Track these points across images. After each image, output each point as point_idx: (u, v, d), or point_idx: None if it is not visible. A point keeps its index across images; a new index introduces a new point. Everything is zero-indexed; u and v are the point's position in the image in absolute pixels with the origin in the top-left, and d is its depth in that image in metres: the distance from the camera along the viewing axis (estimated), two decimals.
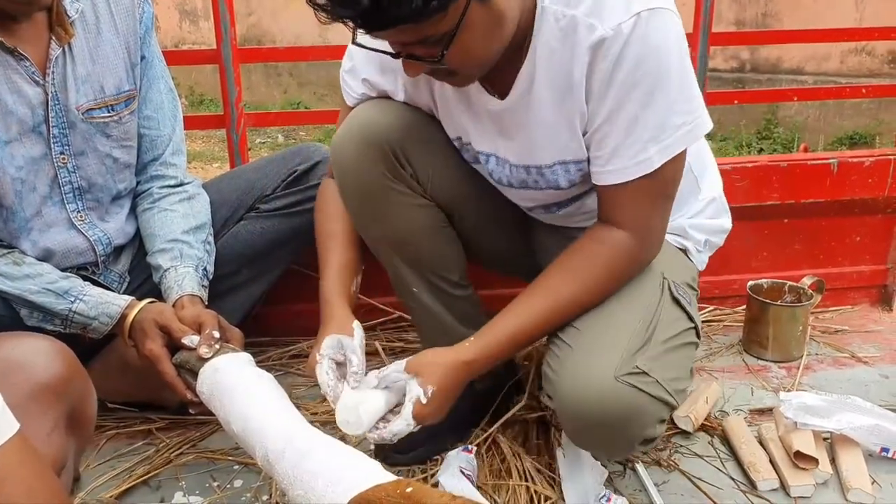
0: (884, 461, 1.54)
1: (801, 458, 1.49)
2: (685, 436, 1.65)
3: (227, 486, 1.53)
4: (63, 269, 1.55)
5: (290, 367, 1.96)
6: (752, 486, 1.49)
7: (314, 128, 5.99)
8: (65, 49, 1.49)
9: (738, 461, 1.56)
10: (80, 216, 1.59)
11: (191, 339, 1.41)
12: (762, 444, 1.59)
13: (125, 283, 1.69)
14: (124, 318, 1.48)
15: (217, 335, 1.40)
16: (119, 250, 1.68)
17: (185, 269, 1.57)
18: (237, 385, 1.30)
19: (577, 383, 1.24)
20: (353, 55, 1.43)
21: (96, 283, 1.59)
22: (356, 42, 1.17)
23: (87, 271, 1.62)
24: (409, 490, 0.99)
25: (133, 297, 1.52)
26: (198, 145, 5.86)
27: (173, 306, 1.51)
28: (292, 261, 1.84)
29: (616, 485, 1.49)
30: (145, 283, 1.69)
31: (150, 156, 1.69)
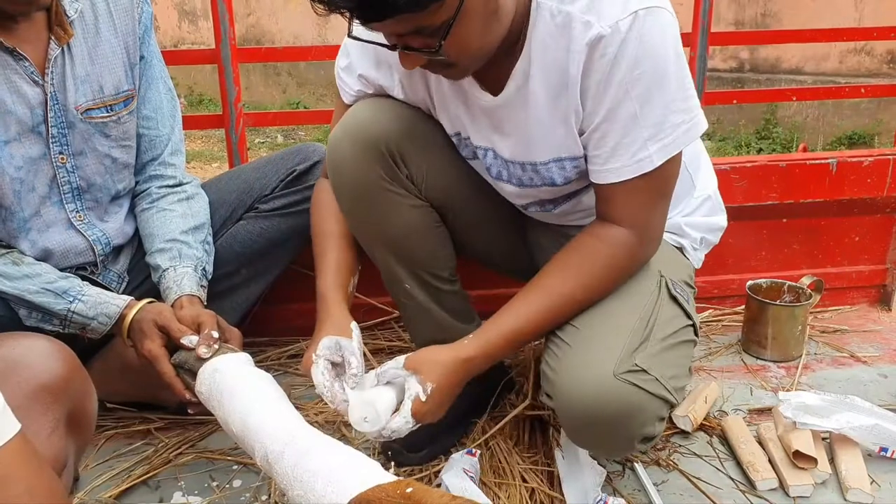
0: (883, 461, 1.54)
1: (800, 458, 1.49)
2: (684, 435, 1.65)
3: (227, 486, 1.53)
4: (62, 269, 1.55)
5: (289, 367, 1.96)
6: (751, 485, 1.49)
7: (313, 128, 5.99)
8: (64, 49, 1.49)
9: (737, 461, 1.56)
10: (79, 216, 1.59)
11: (189, 340, 1.41)
12: (761, 443, 1.59)
13: (124, 283, 1.69)
14: (123, 318, 1.48)
15: (216, 335, 1.40)
16: (118, 250, 1.68)
17: (184, 269, 1.57)
18: (236, 385, 1.30)
19: (575, 381, 1.24)
20: (349, 52, 1.43)
21: (95, 283, 1.58)
22: (352, 35, 1.17)
23: (85, 271, 1.62)
24: (409, 490, 0.99)
25: (132, 297, 1.52)
26: (197, 145, 5.86)
27: (172, 306, 1.51)
28: (291, 261, 1.84)
29: (615, 484, 1.49)
30: (144, 282, 1.69)
31: (149, 156, 1.69)
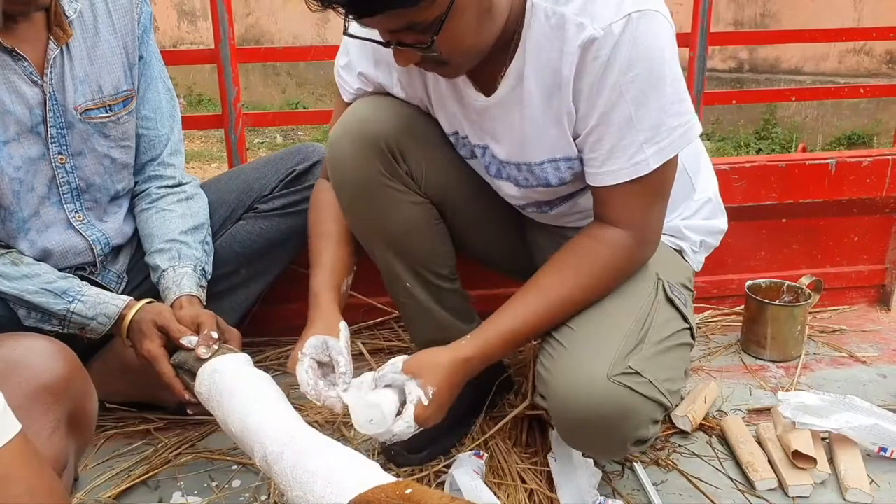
0: (882, 461, 1.54)
1: (799, 458, 1.49)
2: (683, 435, 1.65)
3: (226, 486, 1.53)
4: (61, 270, 1.54)
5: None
6: (750, 485, 1.49)
7: (313, 128, 5.99)
8: (63, 49, 1.49)
9: (736, 461, 1.56)
10: (79, 216, 1.59)
11: (189, 340, 1.41)
12: (760, 443, 1.59)
13: (123, 284, 1.69)
14: (122, 318, 1.48)
15: (215, 336, 1.40)
16: (117, 250, 1.68)
17: (184, 270, 1.57)
18: (235, 385, 1.30)
19: (569, 383, 1.24)
20: (348, 50, 1.43)
21: (95, 284, 1.58)
22: (347, 32, 1.17)
23: (85, 271, 1.62)
24: (408, 491, 0.99)
25: (131, 298, 1.52)
26: (196, 145, 5.86)
27: (171, 306, 1.51)
28: (290, 261, 1.84)
29: (614, 484, 1.49)
30: (143, 283, 1.69)
31: (149, 156, 1.69)
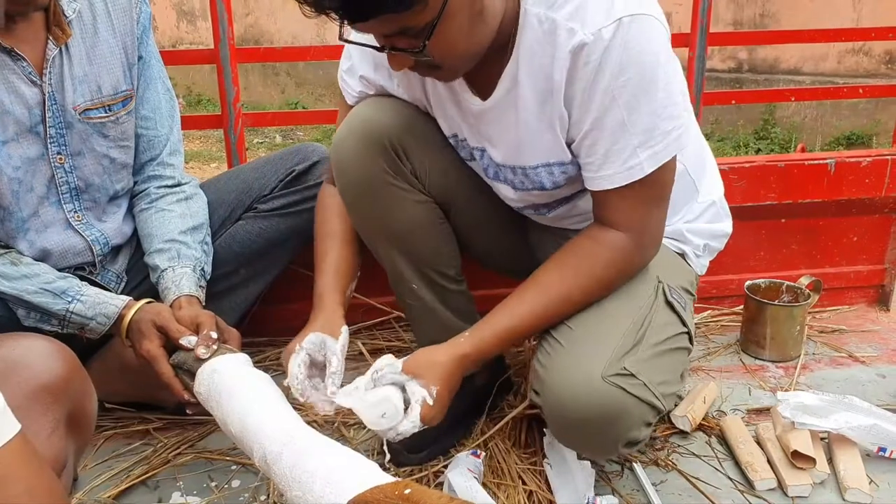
0: (881, 461, 1.54)
1: (798, 458, 1.49)
2: (683, 435, 1.65)
3: (225, 486, 1.52)
4: (60, 270, 1.54)
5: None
6: (749, 485, 1.49)
7: (312, 128, 5.99)
8: (62, 49, 1.49)
9: (735, 461, 1.56)
10: (78, 216, 1.59)
11: (188, 340, 1.41)
12: (760, 443, 1.59)
13: (123, 284, 1.69)
14: (122, 318, 1.48)
15: (215, 336, 1.40)
16: (117, 250, 1.68)
17: (183, 270, 1.57)
18: (235, 386, 1.30)
19: (564, 381, 1.24)
20: (350, 54, 1.44)
21: (94, 284, 1.58)
22: (342, 38, 1.18)
23: (84, 271, 1.62)
24: (407, 491, 0.99)
25: (130, 298, 1.52)
26: (195, 145, 5.86)
27: (171, 307, 1.51)
28: (290, 261, 1.84)
29: (614, 484, 1.49)
30: (143, 283, 1.69)
31: (148, 156, 1.69)
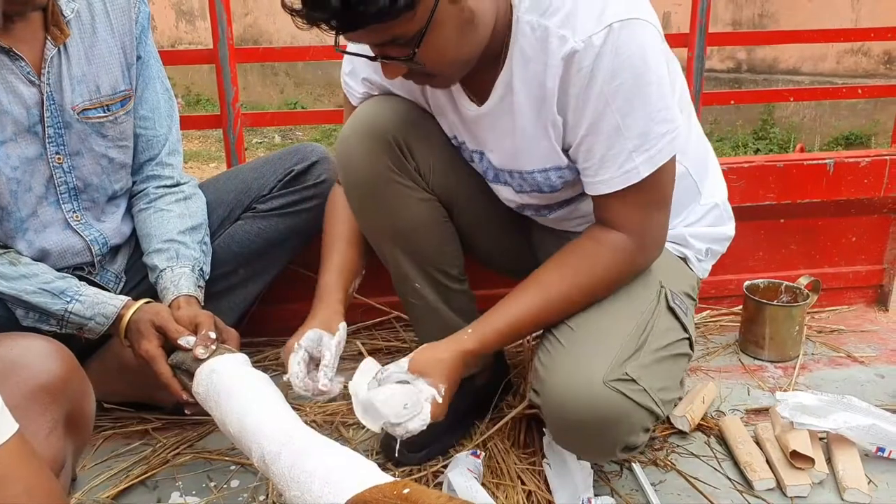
0: (880, 461, 1.54)
1: (797, 458, 1.49)
2: (682, 436, 1.65)
3: (224, 486, 1.52)
4: (59, 270, 1.54)
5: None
6: (748, 485, 1.49)
7: (311, 128, 5.98)
8: (60, 49, 1.49)
9: (734, 461, 1.56)
10: (76, 216, 1.59)
11: (187, 340, 1.41)
12: (759, 443, 1.59)
13: (121, 284, 1.69)
14: (120, 318, 1.48)
15: (213, 336, 1.40)
16: (115, 250, 1.68)
17: (182, 270, 1.57)
18: (233, 386, 1.30)
19: (565, 383, 1.24)
20: (351, 57, 1.44)
21: (93, 284, 1.58)
22: (337, 48, 1.19)
23: (83, 271, 1.61)
24: (406, 491, 0.99)
25: (129, 298, 1.52)
26: (194, 145, 5.86)
27: (169, 307, 1.51)
28: (289, 261, 1.84)
29: (613, 484, 1.49)
30: (142, 283, 1.69)
31: (147, 156, 1.69)
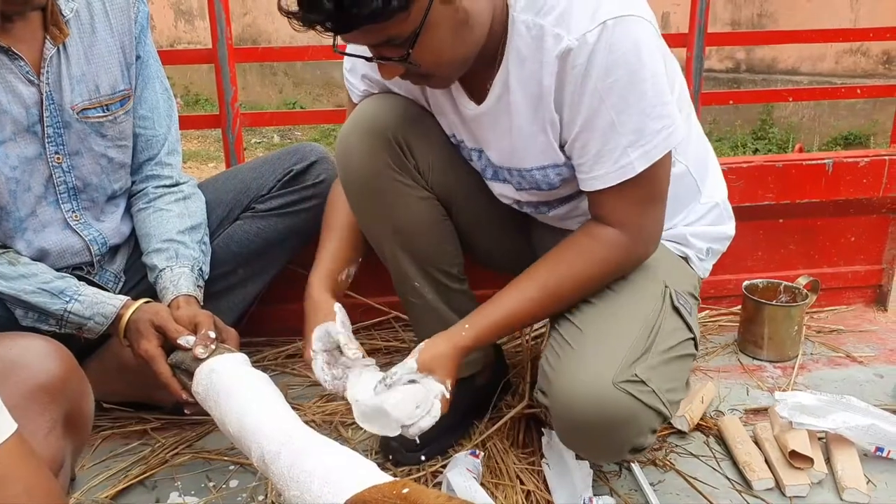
0: (879, 461, 1.54)
1: (796, 458, 1.49)
2: (681, 435, 1.65)
3: (223, 486, 1.52)
4: (58, 269, 1.54)
5: (286, 368, 1.96)
6: (747, 485, 1.49)
7: (310, 128, 5.98)
8: (59, 48, 1.49)
9: (733, 461, 1.56)
10: (76, 216, 1.58)
11: (186, 340, 1.41)
12: (757, 443, 1.59)
13: (121, 283, 1.69)
14: (119, 318, 1.48)
15: (213, 335, 1.40)
16: (114, 250, 1.68)
17: (181, 270, 1.57)
18: (233, 385, 1.30)
19: (574, 384, 1.24)
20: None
21: (92, 283, 1.58)
22: (336, 49, 1.20)
23: (82, 271, 1.61)
24: (405, 491, 0.98)
25: (128, 297, 1.52)
26: (193, 145, 5.86)
27: (169, 306, 1.51)
28: (288, 261, 1.83)
29: (612, 484, 1.49)
30: (141, 282, 1.68)
31: (146, 155, 1.69)
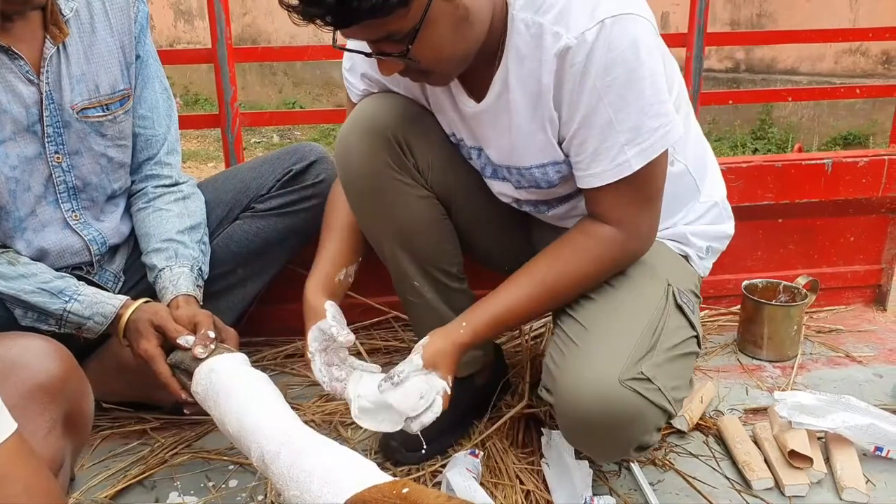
0: (878, 460, 1.54)
1: (795, 458, 1.49)
2: (680, 435, 1.65)
3: (223, 486, 1.52)
4: (58, 269, 1.54)
5: (285, 367, 1.96)
6: (746, 485, 1.49)
7: (309, 127, 5.98)
8: (59, 48, 1.49)
9: (732, 460, 1.56)
10: (75, 216, 1.58)
11: (186, 340, 1.41)
12: (757, 443, 1.59)
13: (120, 283, 1.69)
14: (119, 317, 1.48)
15: (212, 335, 1.40)
16: (114, 250, 1.68)
17: (180, 269, 1.57)
18: (232, 385, 1.30)
19: (579, 382, 1.24)
20: (351, 53, 1.44)
21: (91, 283, 1.58)
22: (335, 44, 1.20)
23: (81, 271, 1.61)
24: (405, 491, 0.98)
25: (128, 297, 1.52)
26: (193, 145, 5.85)
27: (168, 306, 1.51)
28: (288, 260, 1.83)
29: (611, 484, 1.49)
30: (140, 282, 1.68)
31: (145, 155, 1.69)
